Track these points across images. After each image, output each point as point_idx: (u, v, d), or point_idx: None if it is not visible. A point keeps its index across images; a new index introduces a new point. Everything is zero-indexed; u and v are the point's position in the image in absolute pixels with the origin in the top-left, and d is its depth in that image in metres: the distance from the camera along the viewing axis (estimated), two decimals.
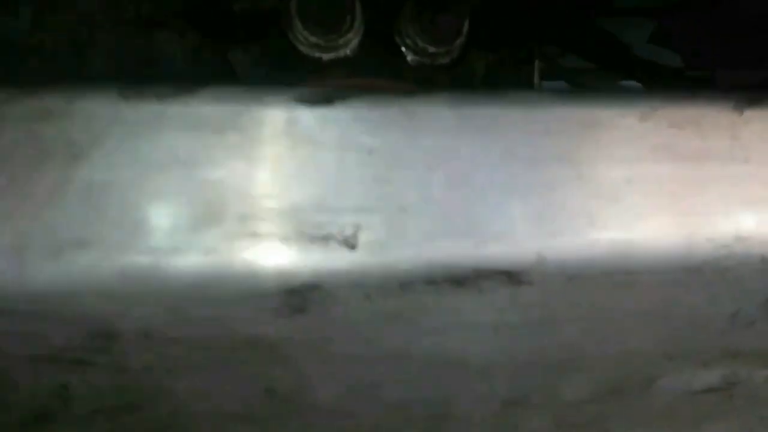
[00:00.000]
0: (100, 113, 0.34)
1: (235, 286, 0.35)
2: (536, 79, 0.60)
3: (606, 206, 0.37)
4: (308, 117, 0.36)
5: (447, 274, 0.36)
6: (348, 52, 0.48)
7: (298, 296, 0.35)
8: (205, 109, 0.35)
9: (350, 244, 0.35)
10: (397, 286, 0.36)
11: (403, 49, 0.53)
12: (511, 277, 0.37)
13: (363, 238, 0.35)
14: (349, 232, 0.35)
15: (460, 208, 0.36)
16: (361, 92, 0.36)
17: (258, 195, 0.35)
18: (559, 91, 0.43)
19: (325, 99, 0.36)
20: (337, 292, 0.36)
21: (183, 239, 0.34)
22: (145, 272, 0.34)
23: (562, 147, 0.38)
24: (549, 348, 0.41)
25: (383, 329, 0.38)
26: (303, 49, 0.48)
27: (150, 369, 0.37)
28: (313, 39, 0.45)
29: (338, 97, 0.36)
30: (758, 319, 0.41)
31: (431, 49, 0.52)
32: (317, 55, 0.50)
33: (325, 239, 0.35)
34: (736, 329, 0.41)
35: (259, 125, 0.35)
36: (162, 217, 0.34)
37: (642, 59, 0.58)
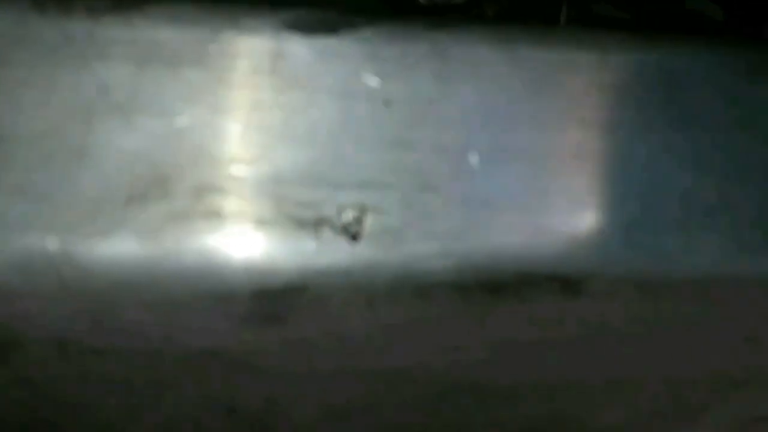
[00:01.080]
0: (3, 31, 0.30)
1: (185, 285, 0.30)
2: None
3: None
4: (302, 50, 0.32)
5: (481, 277, 0.31)
6: None
7: (276, 301, 0.31)
8: (155, 32, 0.31)
9: (352, 232, 0.31)
10: (412, 292, 0.31)
11: None
12: (567, 285, 0.32)
13: (370, 225, 0.31)
14: (350, 216, 0.31)
15: (506, 188, 0.32)
16: (377, 19, 0.32)
17: (224, 158, 0.31)
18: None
19: (327, 26, 0.32)
20: (331, 297, 0.31)
21: (111, 216, 0.29)
22: (54, 260, 0.29)
23: (645, 108, 0.33)
24: (591, 369, 0.37)
25: (388, 345, 0.34)
26: None
27: (67, 382, 0.33)
28: None
29: (345, 24, 0.32)
30: None
31: None
32: None
33: (317, 225, 0.31)
34: None
35: (232, 59, 0.31)
36: (81, 184, 0.29)
37: (693, 11, 0.54)
